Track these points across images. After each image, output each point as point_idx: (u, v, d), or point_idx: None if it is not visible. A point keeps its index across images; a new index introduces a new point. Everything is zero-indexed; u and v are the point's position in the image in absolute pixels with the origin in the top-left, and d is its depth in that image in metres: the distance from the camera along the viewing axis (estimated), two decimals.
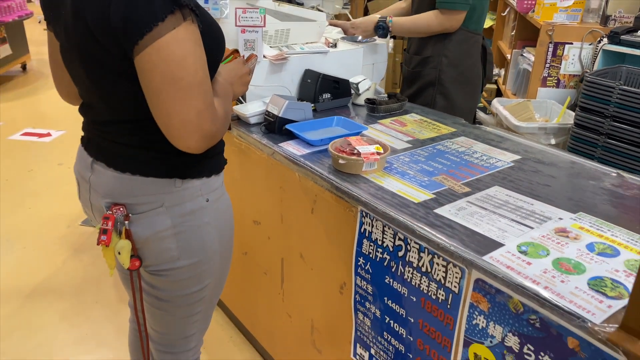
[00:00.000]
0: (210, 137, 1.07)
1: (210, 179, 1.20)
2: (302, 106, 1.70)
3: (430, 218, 1.19)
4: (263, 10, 1.78)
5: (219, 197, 1.24)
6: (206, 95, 1.04)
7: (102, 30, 0.99)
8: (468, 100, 2.28)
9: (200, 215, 1.19)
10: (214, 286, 1.31)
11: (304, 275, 1.62)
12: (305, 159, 1.49)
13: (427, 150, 1.57)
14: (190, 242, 1.19)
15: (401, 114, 1.90)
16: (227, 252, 1.32)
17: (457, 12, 2.07)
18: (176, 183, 1.15)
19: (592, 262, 1.02)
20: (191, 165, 1.16)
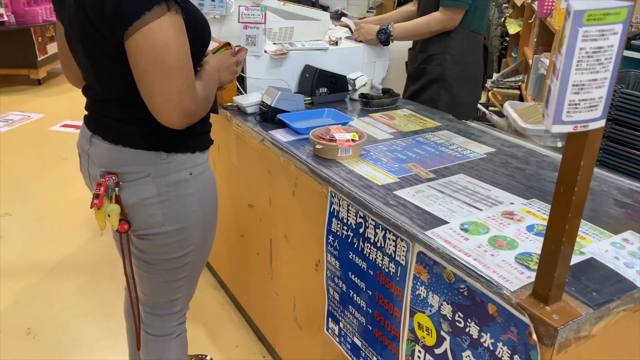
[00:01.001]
0: (190, 115, 1.20)
1: (194, 155, 1.33)
2: (295, 97, 1.82)
3: (388, 198, 1.28)
4: (264, 8, 1.91)
5: (202, 172, 1.37)
6: (187, 77, 1.16)
7: (98, 17, 1.13)
8: (470, 96, 2.39)
9: (184, 187, 1.32)
10: (197, 254, 1.44)
11: (287, 255, 1.73)
12: (290, 145, 1.61)
13: (407, 141, 1.66)
14: (174, 210, 1.32)
15: (393, 109, 1.99)
16: (210, 224, 1.44)
17: (458, 11, 2.16)
18: (162, 156, 1.28)
19: (527, 241, 1.09)
20: (176, 140, 1.29)
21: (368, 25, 2.26)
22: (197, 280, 1.55)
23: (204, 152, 1.38)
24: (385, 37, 2.19)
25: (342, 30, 2.57)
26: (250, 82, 1.97)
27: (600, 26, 0.66)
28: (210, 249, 1.51)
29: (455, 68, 2.27)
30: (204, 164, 1.38)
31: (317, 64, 2.07)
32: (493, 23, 6.11)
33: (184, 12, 1.17)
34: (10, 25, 5.46)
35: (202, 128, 1.37)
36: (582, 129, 0.72)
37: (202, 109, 1.26)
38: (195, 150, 1.33)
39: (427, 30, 2.22)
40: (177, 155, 1.30)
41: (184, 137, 1.30)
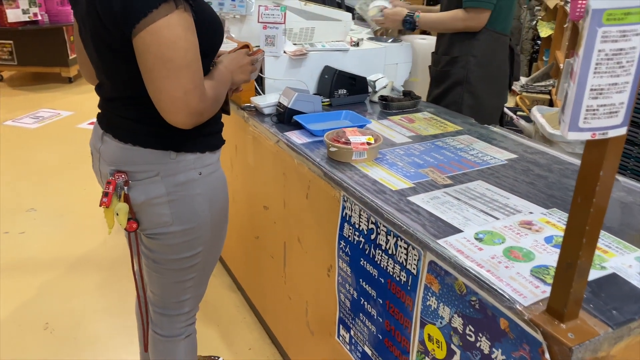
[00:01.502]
0: (197, 114, 1.18)
1: (204, 154, 1.32)
2: (312, 99, 1.79)
3: (402, 204, 1.24)
4: (284, 8, 1.89)
5: (212, 172, 1.35)
6: (194, 76, 1.14)
7: (106, 14, 1.12)
8: (495, 99, 2.31)
9: (193, 187, 1.30)
10: (207, 255, 1.42)
11: (300, 259, 1.71)
12: (305, 147, 1.58)
13: (425, 145, 1.62)
14: (183, 210, 1.31)
15: (414, 112, 1.94)
16: (219, 225, 1.42)
17: (481, 11, 2.08)
18: (171, 155, 1.27)
19: (544, 253, 1.04)
20: (186, 140, 1.28)
21: (397, 8, 2.28)
22: (207, 282, 1.54)
23: (214, 152, 1.36)
24: (410, 25, 2.21)
25: (365, 30, 2.53)
26: (268, 83, 1.95)
27: (621, 26, 0.61)
28: (220, 250, 1.49)
29: (479, 70, 2.20)
30: (214, 164, 1.36)
31: (337, 65, 2.04)
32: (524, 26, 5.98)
33: (194, 10, 1.15)
34: (43, 25, 5.58)
35: (212, 128, 1.35)
36: (600, 136, 0.67)
37: (210, 109, 1.23)
38: (205, 150, 1.32)
39: (452, 26, 2.16)
40: (186, 155, 1.28)
41: (193, 137, 1.29)
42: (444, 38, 2.28)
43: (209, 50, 1.27)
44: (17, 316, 2.33)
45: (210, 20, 1.26)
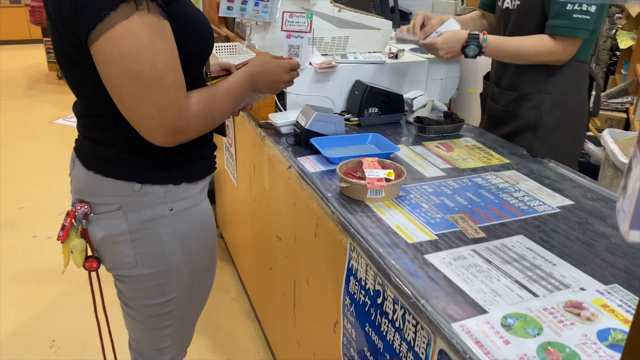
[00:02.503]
0: (179, 133, 1.01)
1: (178, 186, 1.13)
2: (334, 119, 1.57)
3: (416, 264, 0.99)
4: (310, 15, 1.67)
5: (189, 207, 1.15)
6: (169, 91, 0.96)
7: (58, 19, 0.96)
8: (573, 146, 1.83)
9: (162, 224, 1.12)
10: (183, 301, 1.24)
11: (309, 304, 1.49)
12: (317, 177, 1.36)
13: (461, 182, 1.35)
14: (148, 251, 1.13)
15: (454, 137, 1.67)
16: (197, 268, 1.23)
17: (575, 41, 1.60)
18: (134, 187, 1.08)
19: (594, 356, 0.76)
20: (154, 169, 1.10)
21: (449, 33, 1.69)
22: (192, 328, 1.35)
23: (194, 184, 1.16)
24: (474, 52, 1.64)
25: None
26: (290, 98, 1.74)
27: None
28: (204, 294, 1.31)
29: (557, 112, 1.71)
30: (194, 197, 1.17)
31: (371, 80, 1.81)
32: (602, 35, 5.46)
33: (167, 12, 0.96)
34: None
35: (191, 154, 1.15)
36: None
37: (197, 126, 1.05)
38: (179, 181, 1.12)
39: (534, 57, 1.64)
40: (154, 187, 1.10)
41: (163, 166, 1.10)
42: (506, 65, 1.78)
43: (193, 57, 1.08)
44: (25, 330, 2.25)
45: (194, 22, 1.07)
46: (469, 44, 1.63)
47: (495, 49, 1.66)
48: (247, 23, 1.79)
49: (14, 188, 3.55)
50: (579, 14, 1.55)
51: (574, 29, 1.57)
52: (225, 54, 1.85)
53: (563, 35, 1.59)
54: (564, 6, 1.55)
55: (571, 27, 1.57)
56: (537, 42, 1.63)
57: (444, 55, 1.68)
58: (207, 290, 1.31)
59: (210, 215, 1.23)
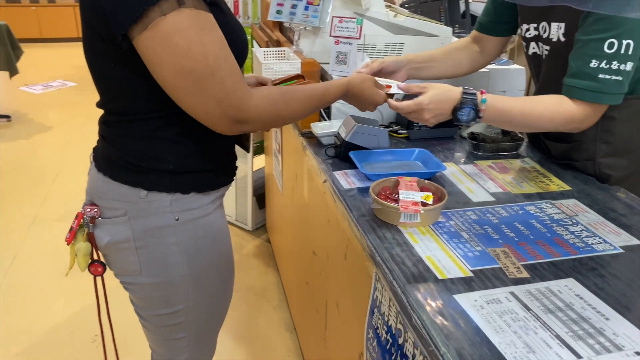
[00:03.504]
0: (242, 122, 1.00)
1: (187, 195, 1.08)
2: (377, 132, 1.46)
3: (444, 304, 0.88)
4: (360, 21, 1.58)
5: (197, 218, 1.11)
6: (225, 82, 0.95)
7: (92, 9, 0.94)
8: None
9: (166, 234, 1.08)
10: (196, 314, 1.19)
11: (338, 328, 1.40)
12: (351, 194, 1.26)
13: (511, 209, 1.22)
14: (153, 260, 1.10)
15: (511, 157, 1.53)
16: (206, 281, 1.17)
17: (600, 107, 1.24)
18: (140, 193, 1.05)
19: None
20: (161, 176, 1.06)
21: (437, 91, 1.24)
22: (212, 341, 1.31)
23: (203, 194, 1.11)
24: (469, 117, 1.23)
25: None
26: (335, 107, 1.65)
27: None
28: (220, 308, 1.26)
29: (617, 163, 1.37)
30: (204, 207, 1.12)
31: None
32: None
33: (206, 7, 0.95)
34: None
35: (204, 163, 1.11)
36: None
37: (259, 119, 1.02)
38: (188, 190, 1.08)
39: (547, 125, 1.27)
40: (160, 195, 1.06)
41: (171, 173, 1.06)
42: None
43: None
44: (71, 322, 2.30)
45: (228, 31, 1.01)
46: (463, 107, 1.22)
47: (497, 114, 1.24)
48: (296, 28, 1.73)
49: (73, 182, 3.68)
50: (607, 73, 1.18)
51: (598, 94, 1.20)
52: (273, 58, 1.79)
53: (588, 103, 1.21)
54: (586, 63, 1.19)
55: (595, 91, 1.20)
56: (551, 107, 1.24)
57: (429, 120, 1.25)
58: (223, 304, 1.25)
59: (223, 228, 1.18)
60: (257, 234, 3.03)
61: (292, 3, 1.72)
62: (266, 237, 2.97)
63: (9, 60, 4.61)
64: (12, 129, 4.85)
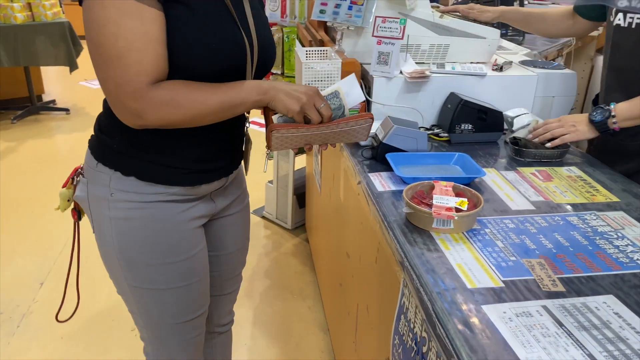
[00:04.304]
0: (135, 115, 0.99)
1: (127, 178, 1.12)
2: (415, 134, 1.43)
3: (471, 315, 0.85)
4: (404, 21, 1.56)
5: (132, 202, 1.13)
6: (127, 70, 0.95)
7: None
8: None
9: (103, 206, 1.15)
10: (141, 302, 1.23)
11: (367, 332, 1.38)
12: (384, 197, 1.24)
13: (551, 219, 1.16)
14: (96, 226, 1.18)
15: (556, 165, 1.46)
16: (142, 269, 1.18)
17: None
18: (94, 162, 1.14)
19: None
20: (108, 151, 1.13)
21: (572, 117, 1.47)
22: (177, 343, 1.29)
23: (148, 183, 1.12)
24: (602, 115, 1.43)
25: (523, 51, 2.06)
26: (375, 108, 1.64)
27: None
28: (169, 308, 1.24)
29: None
30: (143, 195, 1.12)
31: (469, 93, 1.65)
32: None
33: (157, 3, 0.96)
34: None
35: (151, 155, 1.11)
36: None
37: (155, 113, 0.98)
38: (129, 173, 1.11)
39: None
40: (104, 168, 1.13)
41: (117, 153, 1.12)
42: (622, 87, 1.49)
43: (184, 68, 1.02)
44: (113, 311, 2.37)
45: (191, 32, 1.00)
46: (596, 110, 1.45)
47: (627, 107, 1.40)
48: (338, 27, 1.72)
49: None
50: None
51: None
52: (315, 57, 1.79)
53: None
54: None
55: None
56: None
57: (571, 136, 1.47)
58: (172, 305, 1.23)
59: (171, 225, 1.17)
60: (296, 232, 3.04)
61: (335, 2, 1.71)
62: (305, 237, 2.97)
63: (70, 56, 4.81)
64: (70, 121, 5.07)
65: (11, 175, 3.77)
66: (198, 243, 1.25)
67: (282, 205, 3.05)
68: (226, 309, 1.52)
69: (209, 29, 1.03)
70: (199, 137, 1.13)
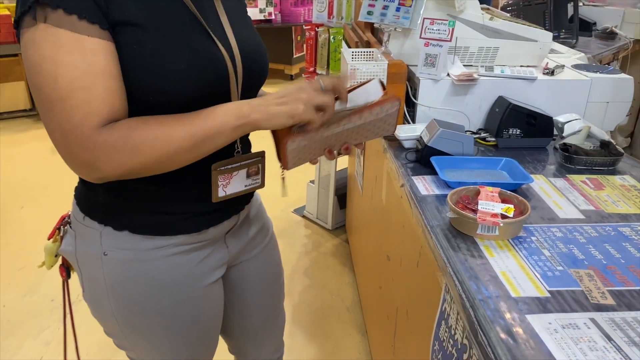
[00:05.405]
0: (88, 167, 0.81)
1: (120, 233, 0.95)
2: (461, 138, 1.41)
3: (514, 324, 0.83)
4: (452, 23, 1.54)
5: (129, 260, 0.97)
6: (73, 113, 0.78)
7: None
8: None
9: (95, 265, 0.98)
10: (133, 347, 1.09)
11: (407, 337, 1.37)
12: (428, 200, 1.23)
13: (602, 229, 1.12)
14: (87, 284, 1.02)
15: (609, 173, 1.41)
16: (144, 330, 1.04)
17: None
18: (79, 214, 0.99)
19: None
20: (94, 204, 0.97)
21: None
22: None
23: (145, 237, 0.96)
24: None
25: (576, 55, 1.99)
26: (420, 110, 1.62)
27: None
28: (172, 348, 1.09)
29: None
30: (139, 252, 0.97)
31: (518, 97, 1.61)
32: None
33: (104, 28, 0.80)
34: (276, 24, 5.98)
35: (140, 203, 0.95)
36: None
37: (109, 161, 0.80)
38: (121, 228, 0.95)
39: None
40: (93, 222, 0.96)
41: (103, 204, 0.95)
42: None
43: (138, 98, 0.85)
44: None
45: (151, 57, 0.83)
46: None
47: None
48: (386, 29, 1.71)
49: None
50: None
51: None
52: (361, 59, 1.79)
53: None
54: None
55: None
56: None
57: None
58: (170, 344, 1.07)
59: (173, 281, 1.01)
60: (336, 233, 3.04)
61: (383, 4, 1.70)
62: (345, 237, 2.97)
63: None
64: None
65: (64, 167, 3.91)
66: (213, 304, 1.10)
67: (322, 206, 3.06)
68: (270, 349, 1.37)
69: (173, 47, 0.85)
70: (194, 172, 0.94)
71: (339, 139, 0.98)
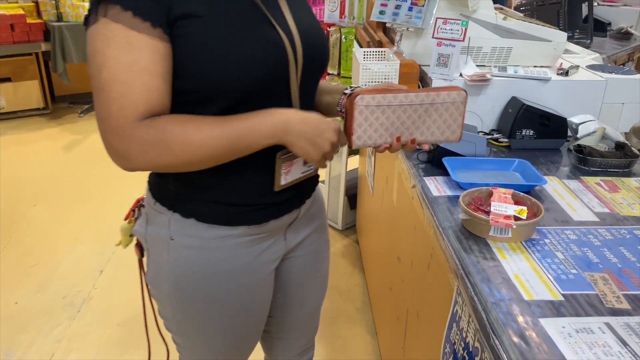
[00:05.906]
0: (121, 157, 0.86)
1: (187, 220, 1.00)
2: (474, 139, 1.40)
3: (527, 327, 0.82)
4: (465, 23, 1.52)
5: (193, 247, 1.01)
6: (110, 104, 0.83)
7: None
8: None
9: (162, 248, 1.03)
10: (189, 344, 1.14)
11: (417, 339, 1.36)
12: (440, 201, 1.22)
13: (617, 232, 1.11)
14: (151, 265, 1.09)
15: (623, 175, 1.39)
16: (195, 315, 1.08)
17: None
18: (151, 200, 1.04)
19: None
20: (166, 192, 1.02)
21: None
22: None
23: (210, 226, 1.00)
24: None
25: (591, 55, 1.97)
26: None
27: None
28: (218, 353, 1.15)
29: None
30: (204, 239, 1.01)
31: (532, 98, 1.60)
32: None
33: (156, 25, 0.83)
34: None
35: (205, 193, 0.99)
36: None
37: (142, 157, 0.85)
38: (188, 215, 0.99)
39: None
40: (163, 208, 1.02)
41: (174, 193, 1.00)
42: None
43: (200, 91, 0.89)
44: None
45: (208, 51, 0.86)
46: None
47: None
48: (398, 29, 1.70)
49: None
50: None
51: None
52: (373, 59, 1.78)
53: None
54: None
55: None
56: None
57: None
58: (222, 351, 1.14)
59: (235, 272, 1.05)
60: (346, 233, 3.04)
61: (395, 3, 1.69)
62: (355, 238, 2.96)
63: None
64: None
65: (76, 166, 3.96)
66: (263, 297, 1.14)
67: (333, 206, 3.06)
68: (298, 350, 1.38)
69: (234, 36, 0.88)
70: (258, 162, 0.97)
71: (406, 125, 0.99)
